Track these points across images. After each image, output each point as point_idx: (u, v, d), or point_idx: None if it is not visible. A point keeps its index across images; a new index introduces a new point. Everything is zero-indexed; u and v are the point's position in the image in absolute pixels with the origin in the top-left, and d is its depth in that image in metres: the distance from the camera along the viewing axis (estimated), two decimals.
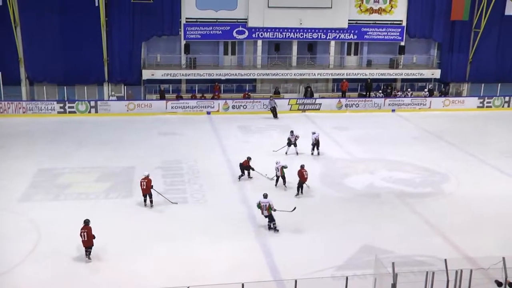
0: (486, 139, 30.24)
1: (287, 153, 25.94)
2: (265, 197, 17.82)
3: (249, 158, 22.59)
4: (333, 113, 35.77)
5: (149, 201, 19.58)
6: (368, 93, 38.11)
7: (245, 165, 22.50)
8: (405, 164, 25.31)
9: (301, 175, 20.85)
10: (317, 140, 26.05)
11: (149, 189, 19.43)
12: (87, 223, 15.74)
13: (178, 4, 35.52)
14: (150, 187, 19.42)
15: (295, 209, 18.49)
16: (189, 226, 18.13)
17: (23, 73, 34.42)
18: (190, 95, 36.38)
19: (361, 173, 23.97)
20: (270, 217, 17.76)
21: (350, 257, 16.16)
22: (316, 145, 26.08)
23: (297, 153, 25.95)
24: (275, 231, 17.75)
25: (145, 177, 19.47)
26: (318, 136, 26.22)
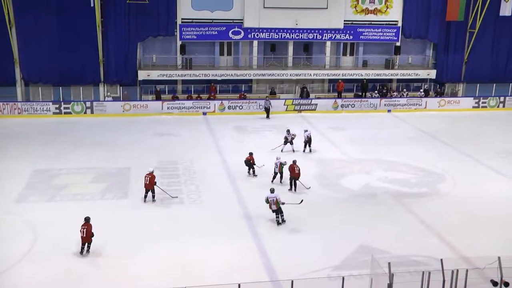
0: (481, 139, 30.30)
1: (283, 151, 26.34)
2: (272, 191, 18.26)
3: (251, 153, 23.20)
4: (329, 114, 35.83)
5: (151, 196, 19.99)
6: (364, 94, 38.17)
7: (250, 161, 22.98)
8: (401, 164, 25.36)
9: (292, 170, 21.34)
10: (309, 137, 26.68)
11: (152, 185, 19.91)
12: (87, 220, 16.14)
13: (173, 4, 35.45)
14: (153, 183, 19.95)
15: (302, 201, 19.01)
16: (185, 226, 18.11)
17: (18, 73, 34.31)
18: (186, 96, 36.36)
19: (357, 174, 24.00)
20: (277, 211, 18.14)
21: (346, 257, 16.19)
22: (308, 142, 26.69)
23: (293, 151, 26.43)
24: (283, 222, 18.21)
25: (150, 173, 20.02)
26: (310, 133, 26.86)
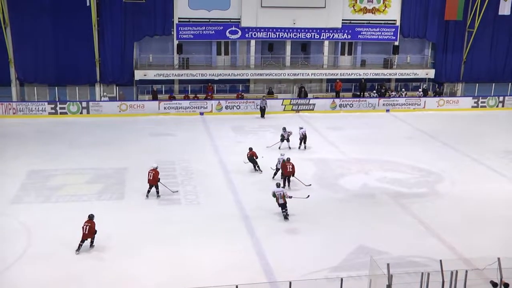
0: (480, 139, 30.16)
1: (280, 148, 26.54)
2: (278, 186, 18.94)
3: (250, 148, 23.50)
4: (327, 114, 35.71)
5: (155, 192, 20.27)
6: (362, 93, 38.04)
7: (253, 156, 23.15)
8: (399, 164, 25.23)
9: (284, 168, 21.50)
10: (304, 135, 27.22)
11: (155, 181, 20.16)
12: (91, 218, 16.29)
13: (170, 4, 35.28)
14: (157, 179, 20.19)
15: (309, 196, 19.45)
16: (182, 227, 17.96)
17: (13, 73, 34.07)
18: (183, 96, 36.18)
19: (356, 174, 23.86)
20: (283, 205, 18.42)
21: (344, 258, 16.04)
22: (303, 139, 27.08)
23: (290, 148, 26.86)
24: (287, 216, 18.50)
25: (153, 169, 20.29)
26: (305, 131, 27.44)
